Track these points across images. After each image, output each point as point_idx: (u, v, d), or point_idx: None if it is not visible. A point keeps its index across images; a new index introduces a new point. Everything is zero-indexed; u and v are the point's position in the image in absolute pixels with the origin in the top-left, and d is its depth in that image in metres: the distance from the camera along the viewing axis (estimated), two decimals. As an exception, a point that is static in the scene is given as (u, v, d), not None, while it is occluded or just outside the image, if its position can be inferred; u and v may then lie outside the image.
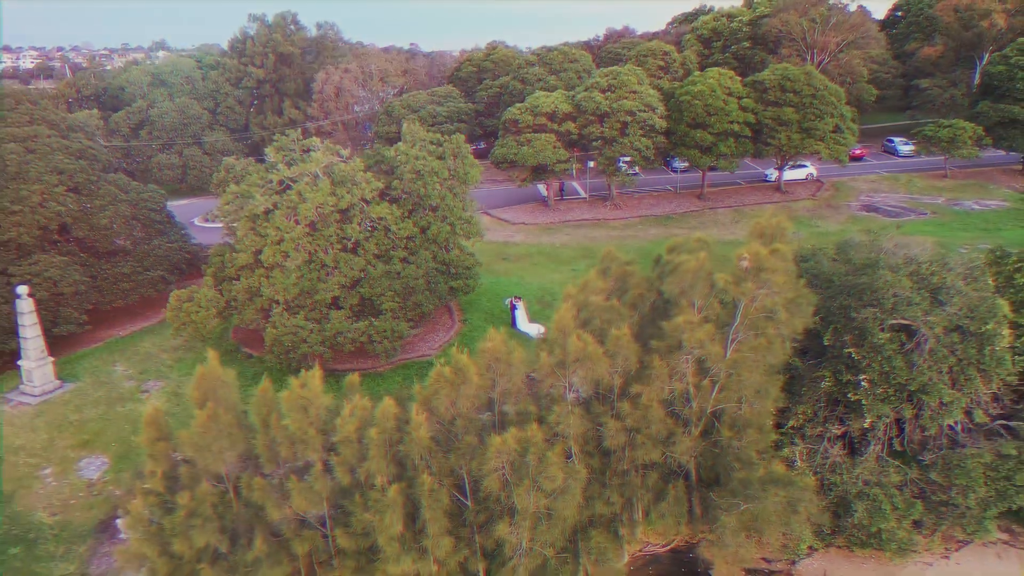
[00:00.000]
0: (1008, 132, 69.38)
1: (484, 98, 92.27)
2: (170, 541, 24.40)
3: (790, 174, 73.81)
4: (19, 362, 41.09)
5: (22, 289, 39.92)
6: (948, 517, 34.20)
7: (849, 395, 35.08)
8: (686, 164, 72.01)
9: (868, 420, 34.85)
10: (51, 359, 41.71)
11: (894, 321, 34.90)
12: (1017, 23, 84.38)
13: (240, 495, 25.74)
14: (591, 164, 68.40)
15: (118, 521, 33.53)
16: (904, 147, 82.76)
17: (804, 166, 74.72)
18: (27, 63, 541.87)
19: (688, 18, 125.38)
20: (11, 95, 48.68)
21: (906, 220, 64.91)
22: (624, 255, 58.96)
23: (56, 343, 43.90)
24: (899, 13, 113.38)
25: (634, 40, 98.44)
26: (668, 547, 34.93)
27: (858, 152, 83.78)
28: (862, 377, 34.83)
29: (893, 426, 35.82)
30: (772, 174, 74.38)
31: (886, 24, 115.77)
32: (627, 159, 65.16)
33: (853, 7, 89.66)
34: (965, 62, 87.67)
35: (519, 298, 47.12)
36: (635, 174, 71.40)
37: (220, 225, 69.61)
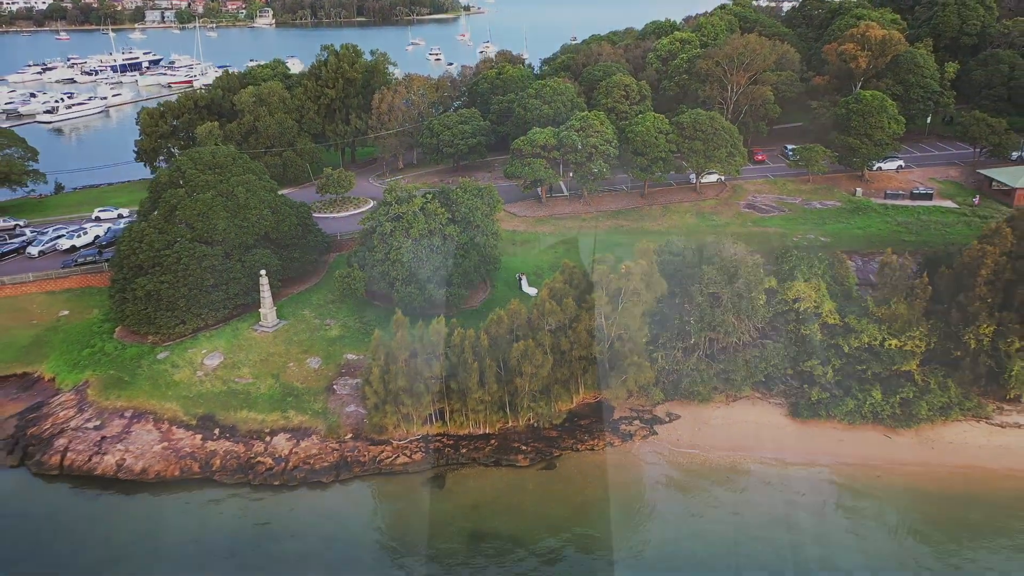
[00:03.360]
0: (848, 154, 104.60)
1: (496, 110, 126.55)
2: (389, 383, 61.73)
3: (705, 178, 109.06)
4: (260, 309, 77.83)
5: (263, 271, 76.44)
6: (729, 384, 71.60)
7: (687, 327, 72.05)
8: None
9: (694, 339, 71.96)
10: (274, 307, 78.57)
11: (708, 291, 71.59)
12: (879, 63, 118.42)
13: (409, 366, 62.87)
14: (571, 174, 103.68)
15: (335, 385, 70.98)
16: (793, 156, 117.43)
17: (714, 172, 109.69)
18: (40, 4, 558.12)
19: (657, 29, 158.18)
20: (228, 155, 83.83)
21: (771, 215, 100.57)
22: (586, 244, 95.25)
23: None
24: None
25: (607, 65, 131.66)
26: (597, 400, 72.33)
27: (760, 157, 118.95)
28: (692, 318, 71.63)
29: (707, 341, 72.81)
30: (694, 177, 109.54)
31: (822, 24, 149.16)
32: (594, 174, 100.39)
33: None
34: (845, 89, 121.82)
35: (523, 274, 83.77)
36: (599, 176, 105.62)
37: (326, 216, 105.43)
